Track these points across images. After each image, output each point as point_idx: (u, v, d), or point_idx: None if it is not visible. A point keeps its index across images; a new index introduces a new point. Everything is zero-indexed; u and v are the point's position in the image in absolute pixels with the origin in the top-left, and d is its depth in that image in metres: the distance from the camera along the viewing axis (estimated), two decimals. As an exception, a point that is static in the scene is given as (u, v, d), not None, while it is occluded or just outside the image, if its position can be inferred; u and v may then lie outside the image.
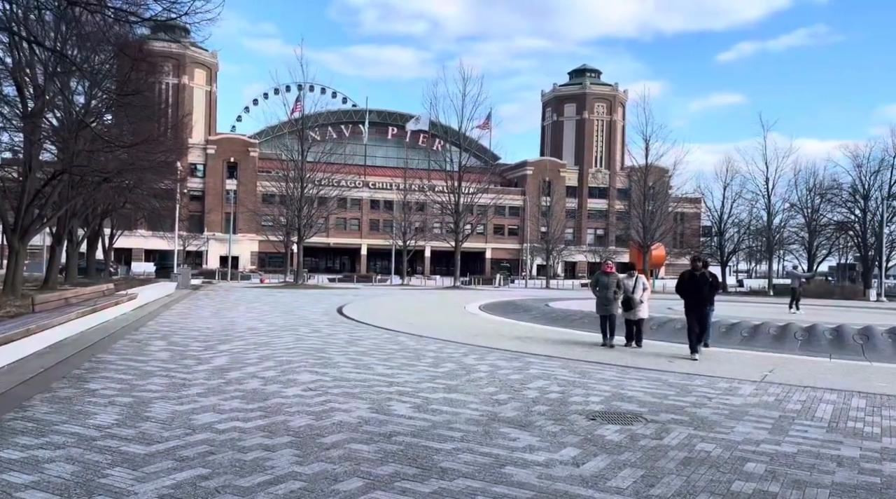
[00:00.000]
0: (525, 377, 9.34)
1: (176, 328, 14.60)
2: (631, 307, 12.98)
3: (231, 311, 20.21)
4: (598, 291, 13.14)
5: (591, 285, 13.64)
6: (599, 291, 13.10)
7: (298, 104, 52.57)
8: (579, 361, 11.10)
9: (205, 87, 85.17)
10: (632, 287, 13.11)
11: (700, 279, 11.78)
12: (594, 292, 13.27)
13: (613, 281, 13.05)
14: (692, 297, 11.72)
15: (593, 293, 13.39)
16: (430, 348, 12.16)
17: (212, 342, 12.31)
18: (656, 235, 47.58)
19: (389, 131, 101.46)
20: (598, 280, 13.25)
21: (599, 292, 13.10)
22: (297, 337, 13.46)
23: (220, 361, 10.05)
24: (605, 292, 13.01)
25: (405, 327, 15.83)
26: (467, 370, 9.82)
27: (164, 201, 43.77)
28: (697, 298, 11.68)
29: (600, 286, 13.12)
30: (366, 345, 12.45)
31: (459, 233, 50.22)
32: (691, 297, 11.73)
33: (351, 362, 10.30)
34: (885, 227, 43.75)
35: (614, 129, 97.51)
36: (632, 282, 13.20)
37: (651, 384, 9.03)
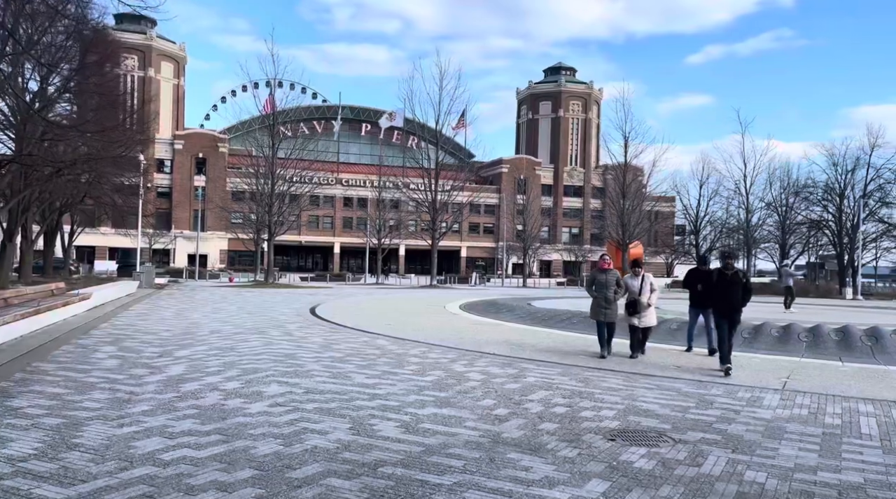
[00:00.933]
0: (523, 387, 8.30)
1: (131, 332, 13.27)
2: (637, 311, 11.07)
3: (195, 312, 18.85)
4: (594, 291, 11.17)
5: (586, 285, 11.65)
6: (596, 292, 11.09)
7: (270, 99, 50.99)
8: (578, 367, 10.11)
9: (172, 80, 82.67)
10: (638, 288, 11.24)
11: (732, 280, 9.89)
12: (590, 293, 11.36)
13: (612, 280, 11.08)
14: (723, 302, 9.87)
15: (588, 294, 11.45)
16: (413, 353, 11.06)
17: (169, 348, 11.04)
18: (635, 232, 47.03)
19: (363, 128, 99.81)
20: (595, 279, 11.26)
21: (596, 293, 11.10)
22: (265, 341, 12.25)
23: (176, 371, 8.82)
24: (603, 293, 11.02)
25: (384, 329, 14.70)
26: (458, 379, 8.74)
27: (128, 197, 41.87)
28: (730, 302, 9.81)
29: (597, 286, 11.12)
30: (342, 350, 11.30)
31: (436, 231, 49.08)
32: (722, 302, 9.88)
33: (326, 371, 9.16)
34: (860, 225, 43.75)
35: (589, 127, 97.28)
36: (637, 282, 11.32)
37: (665, 394, 8.05)
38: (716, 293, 10.05)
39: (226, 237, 74.21)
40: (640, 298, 11.15)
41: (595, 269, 11.58)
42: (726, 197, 56.23)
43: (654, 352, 11.68)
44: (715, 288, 10.07)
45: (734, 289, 9.86)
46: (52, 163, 21.18)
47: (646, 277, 11.41)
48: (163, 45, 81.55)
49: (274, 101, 49.35)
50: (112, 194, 35.83)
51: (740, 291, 9.86)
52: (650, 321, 11.26)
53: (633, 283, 11.33)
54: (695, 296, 11.86)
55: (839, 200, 48.68)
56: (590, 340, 13.51)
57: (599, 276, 11.24)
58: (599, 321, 11.16)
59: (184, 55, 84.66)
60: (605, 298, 11.04)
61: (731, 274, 9.95)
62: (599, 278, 11.18)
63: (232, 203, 65.93)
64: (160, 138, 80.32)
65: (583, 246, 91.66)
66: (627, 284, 11.25)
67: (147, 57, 79.52)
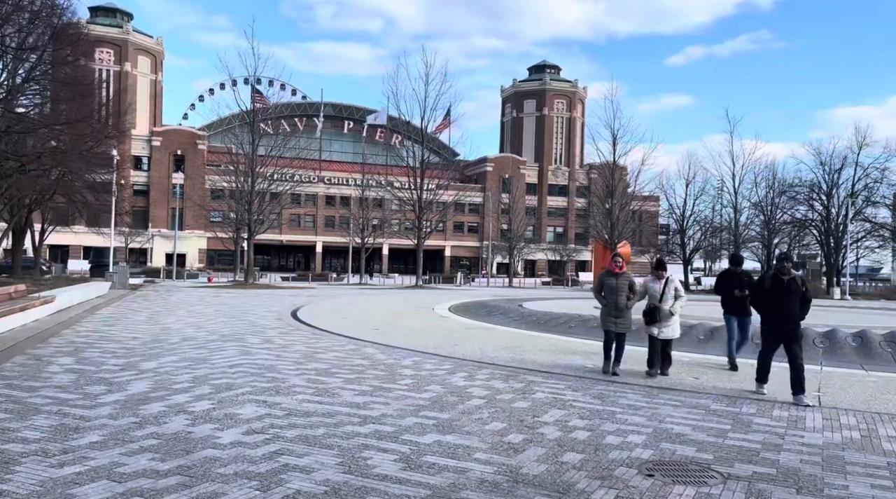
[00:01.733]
0: (534, 405, 7.36)
1: (94, 339, 12.13)
2: (656, 320, 9.45)
3: (168, 315, 17.69)
4: (603, 296, 9.66)
5: (594, 290, 10.05)
6: (606, 298, 9.58)
7: (259, 96, 49.71)
8: (589, 379, 9.20)
9: (150, 75, 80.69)
10: (659, 293, 9.56)
11: (789, 288, 8.06)
12: (598, 299, 9.80)
13: (625, 284, 9.53)
14: (778, 313, 8.06)
15: (597, 300, 9.85)
16: (405, 364, 10.08)
17: (134, 358, 9.95)
18: (624, 232, 46.41)
19: (345, 125, 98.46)
20: (604, 282, 9.67)
21: (607, 299, 9.57)
22: (243, 350, 11.19)
23: (139, 388, 7.76)
24: (613, 299, 9.50)
25: (372, 335, 13.69)
26: (459, 396, 7.79)
27: (101, 194, 40.31)
28: (787, 314, 8.01)
29: (606, 291, 9.60)
30: (327, 360, 10.29)
31: (422, 230, 48.05)
32: (776, 313, 8.07)
33: (310, 386, 8.15)
34: (849, 225, 43.52)
35: (574, 126, 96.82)
36: (659, 286, 9.62)
37: (694, 414, 7.16)
38: (768, 303, 8.19)
39: (205, 236, 72.59)
40: (661, 305, 9.52)
41: (604, 271, 9.87)
42: (713, 196, 55.86)
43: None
44: (767, 297, 8.20)
45: (792, 298, 8.04)
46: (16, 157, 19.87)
47: (671, 280, 9.70)
48: (139, 40, 79.60)
49: (264, 98, 48.25)
50: (84, 191, 34.33)
51: (799, 300, 8.06)
52: (672, 333, 9.59)
53: (654, 286, 9.72)
54: (730, 301, 10.43)
55: (826, 200, 48.47)
56: (594, 346, 12.63)
57: (609, 280, 9.65)
58: (608, 330, 9.70)
59: (161, 49, 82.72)
60: (616, 306, 9.50)
61: (788, 280, 8.10)
62: (609, 283, 9.62)
63: (211, 201, 64.39)
64: (137, 135, 78.39)
65: (567, 245, 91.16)
66: (647, 288, 9.76)
67: (123, 51, 77.52)
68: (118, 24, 78.64)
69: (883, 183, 47.59)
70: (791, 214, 54.08)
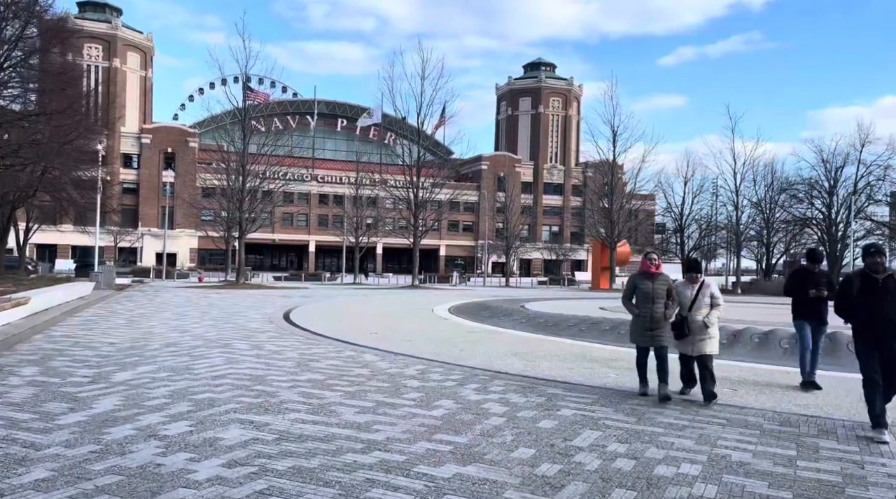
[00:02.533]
0: (562, 425, 6.40)
1: (67, 345, 11.09)
2: (686, 333, 7.69)
3: (152, 318, 16.64)
4: (635, 304, 7.90)
5: (623, 298, 8.15)
6: (638, 307, 7.83)
7: (252, 93, 48.59)
8: (616, 392, 8.25)
9: (139, 71, 79.34)
10: (690, 300, 7.76)
11: (885, 287, 6.25)
12: (628, 308, 8.01)
13: (662, 289, 7.71)
14: (874, 319, 6.22)
15: (627, 309, 8.04)
16: (410, 374, 9.10)
17: (107, 368, 8.93)
18: (624, 230, 45.56)
19: (339, 123, 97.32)
20: (637, 287, 7.86)
21: (640, 308, 7.80)
22: (229, 357, 10.18)
23: (107, 405, 6.76)
24: (647, 309, 7.69)
25: (370, 340, 12.71)
26: (475, 413, 6.81)
27: (88, 192, 39.09)
28: (888, 319, 6.17)
29: (639, 297, 7.84)
30: (323, 369, 9.30)
31: (418, 229, 47.03)
32: (872, 319, 6.23)
33: (304, 402, 7.16)
34: (852, 223, 42.82)
35: (570, 124, 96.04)
36: (691, 291, 7.82)
37: (749, 436, 6.21)
38: (860, 307, 6.34)
39: (196, 235, 71.44)
40: (693, 315, 7.70)
41: (637, 273, 8.06)
42: (712, 193, 55.09)
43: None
44: (858, 299, 6.36)
45: (890, 300, 6.20)
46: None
47: (706, 284, 7.86)
48: (129, 35, 78.27)
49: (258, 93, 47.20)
50: (69, 188, 33.16)
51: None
52: (708, 348, 7.65)
53: (684, 292, 7.86)
54: (803, 305, 8.71)
55: (829, 198, 47.78)
56: (612, 353, 11.70)
57: (643, 283, 7.78)
58: (641, 346, 7.90)
59: (151, 45, 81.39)
60: (652, 318, 7.66)
61: (883, 279, 6.29)
62: (643, 287, 7.76)
63: (202, 200, 63.12)
64: (127, 132, 77.13)
65: (563, 245, 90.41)
66: (679, 296, 7.85)
67: (112, 47, 76.18)
68: (107, 19, 77.29)
69: (886, 180, 46.96)
70: (791, 212, 53.40)
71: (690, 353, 7.78)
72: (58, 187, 31.82)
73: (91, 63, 74.16)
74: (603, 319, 15.88)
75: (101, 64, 75.53)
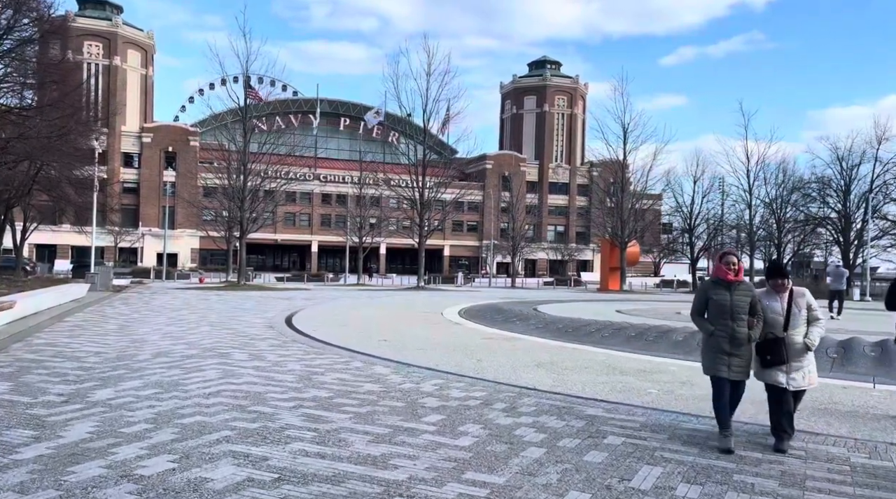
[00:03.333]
0: (613, 459, 5.40)
1: (47, 355, 10.13)
2: (783, 359, 5.77)
3: (146, 322, 15.68)
4: (707, 323, 5.93)
5: (693, 311, 6.14)
6: (715, 322, 5.85)
7: (252, 91, 47.68)
8: (667, 412, 7.25)
9: (140, 69, 78.49)
10: (783, 315, 5.89)
11: None
12: (699, 325, 6.08)
13: (744, 301, 5.80)
14: None
15: (698, 326, 6.14)
16: (426, 390, 8.11)
17: (88, 384, 7.96)
18: (633, 230, 44.51)
19: (341, 122, 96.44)
20: (710, 298, 5.92)
21: (718, 327, 5.80)
22: (225, 370, 9.20)
23: (78, 432, 5.78)
24: (727, 325, 5.76)
25: (379, 348, 11.73)
26: (508, 441, 5.82)
27: (86, 191, 38.18)
28: None
29: (713, 311, 5.89)
30: (329, 385, 8.32)
31: (424, 228, 46.03)
32: None
33: (308, 426, 6.18)
34: (870, 222, 41.71)
35: (575, 122, 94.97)
36: (781, 304, 5.94)
37: (839, 473, 5.20)
38: None
39: (197, 235, 70.56)
40: (790, 334, 5.85)
41: (710, 278, 6.18)
42: (724, 192, 54.06)
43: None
44: None
45: None
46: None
47: (796, 294, 5.98)
48: (129, 33, 77.45)
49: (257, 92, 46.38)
50: (65, 187, 32.25)
51: None
52: (809, 380, 5.94)
53: (772, 305, 5.96)
54: None
55: (844, 197, 46.66)
56: (646, 363, 10.70)
57: (719, 294, 5.84)
58: (719, 378, 5.83)
59: (151, 43, 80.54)
60: (733, 337, 5.75)
61: None
62: (720, 299, 5.82)
63: (204, 200, 62.21)
64: (127, 131, 76.36)
65: (569, 245, 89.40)
66: (764, 309, 5.93)
67: (112, 45, 75.35)
68: (107, 16, 76.47)
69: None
70: (804, 211, 52.30)
71: (787, 386, 5.82)
72: (53, 186, 30.90)
73: (91, 61, 73.37)
74: (626, 324, 14.89)
75: (102, 62, 74.71)
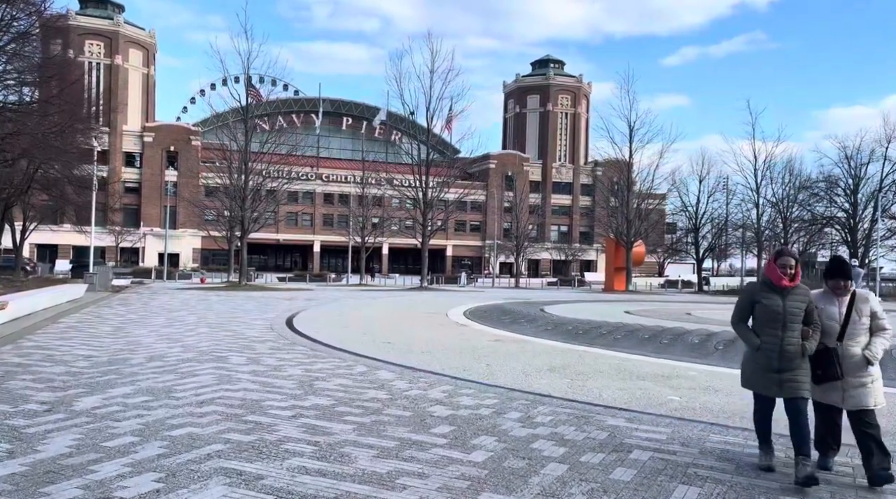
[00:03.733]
0: (644, 477, 4.91)
1: (36, 359, 9.66)
2: (837, 375, 4.87)
3: (143, 324, 15.22)
4: (750, 333, 5.07)
5: (734, 319, 5.22)
6: (762, 333, 4.98)
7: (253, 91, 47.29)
8: (692, 424, 6.76)
9: (141, 69, 78.10)
10: (839, 321, 5.02)
11: None
12: (742, 334, 5.14)
13: (800, 308, 4.92)
14: None
15: (741, 336, 5.19)
16: (435, 397, 7.62)
17: (74, 390, 7.48)
18: (640, 229, 43.97)
19: (344, 122, 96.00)
20: (757, 304, 5.04)
21: (765, 338, 4.94)
22: (221, 375, 8.72)
23: (57, 446, 5.29)
24: (775, 338, 4.90)
25: (384, 351, 11.25)
26: (526, 457, 5.33)
27: (86, 190, 37.76)
28: None
29: (759, 318, 5.03)
30: (331, 391, 7.83)
31: (427, 228, 45.53)
32: None
33: (308, 439, 5.69)
34: (878, 221, 41.10)
35: (578, 122, 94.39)
36: (838, 308, 5.06)
37: (896, 493, 4.71)
38: None
39: (199, 235, 70.12)
40: (847, 345, 4.96)
41: (756, 284, 5.27)
42: (724, 190, 53.45)
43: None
44: None
45: None
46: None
47: (859, 298, 5.05)
48: (131, 32, 77.08)
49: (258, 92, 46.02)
50: (64, 185, 31.81)
51: None
52: (870, 398, 4.91)
53: (828, 309, 5.06)
54: None
55: (853, 196, 46.06)
56: (662, 367, 10.20)
57: (770, 299, 4.94)
58: (763, 396, 5.06)
59: (153, 42, 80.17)
60: (782, 352, 4.87)
61: None
62: (769, 304, 4.92)
63: (205, 199, 61.81)
64: (129, 130, 76.03)
65: (572, 245, 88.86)
66: (821, 315, 5.03)
67: (114, 44, 74.97)
68: (108, 15, 76.11)
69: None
70: (811, 210, 51.72)
71: (840, 404, 4.98)
72: (52, 185, 30.47)
73: (92, 60, 73.04)
74: (639, 326, 14.40)
75: (103, 61, 74.37)
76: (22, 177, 29.12)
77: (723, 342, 11.94)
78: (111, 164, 72.17)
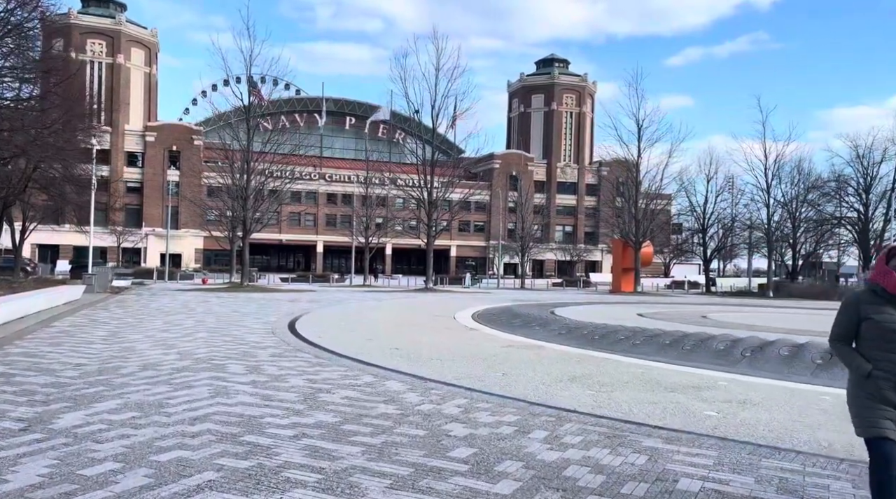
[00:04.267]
0: (700, 515, 4.26)
1: (21, 368, 9.03)
2: None
3: (138, 328, 14.60)
4: (861, 355, 3.68)
5: (832, 338, 3.83)
6: (875, 358, 3.60)
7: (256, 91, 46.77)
8: (739, 445, 6.10)
9: (143, 68, 77.63)
10: None
11: None
12: (846, 360, 3.75)
13: None
14: None
15: (844, 361, 3.78)
16: (450, 413, 6.97)
17: (57, 405, 6.85)
18: (648, 230, 43.26)
19: (347, 121, 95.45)
20: (866, 319, 3.65)
21: (878, 363, 3.59)
22: (218, 387, 8.08)
23: (26, 475, 4.65)
24: (892, 363, 3.54)
25: (392, 359, 10.60)
26: (560, 488, 4.68)
27: (86, 190, 37.18)
28: None
29: (870, 338, 3.63)
30: (337, 406, 7.18)
31: (432, 228, 44.86)
32: None
33: (312, 465, 5.04)
34: (892, 220, 40.32)
35: (583, 121, 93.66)
36: None
37: None
38: None
39: (201, 235, 69.59)
40: None
41: (860, 293, 3.78)
42: (732, 190, 52.74)
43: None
44: None
45: None
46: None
47: None
48: (133, 31, 76.62)
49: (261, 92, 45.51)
50: (63, 185, 31.24)
51: None
52: None
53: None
54: None
55: (865, 196, 45.27)
56: (693, 377, 9.53)
57: (882, 312, 3.61)
58: (878, 439, 3.55)
59: (155, 41, 79.69)
60: None
61: None
62: (882, 320, 3.60)
63: (208, 199, 61.25)
64: (131, 130, 75.59)
65: (577, 245, 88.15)
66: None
67: (116, 43, 74.52)
68: (110, 14, 75.68)
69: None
70: (821, 210, 50.96)
71: None
72: (50, 184, 29.89)
73: (94, 59, 72.59)
74: (659, 331, 13.73)
75: (105, 60, 73.91)
76: (20, 176, 28.54)
77: (749, 349, 11.28)
78: (113, 163, 71.74)
